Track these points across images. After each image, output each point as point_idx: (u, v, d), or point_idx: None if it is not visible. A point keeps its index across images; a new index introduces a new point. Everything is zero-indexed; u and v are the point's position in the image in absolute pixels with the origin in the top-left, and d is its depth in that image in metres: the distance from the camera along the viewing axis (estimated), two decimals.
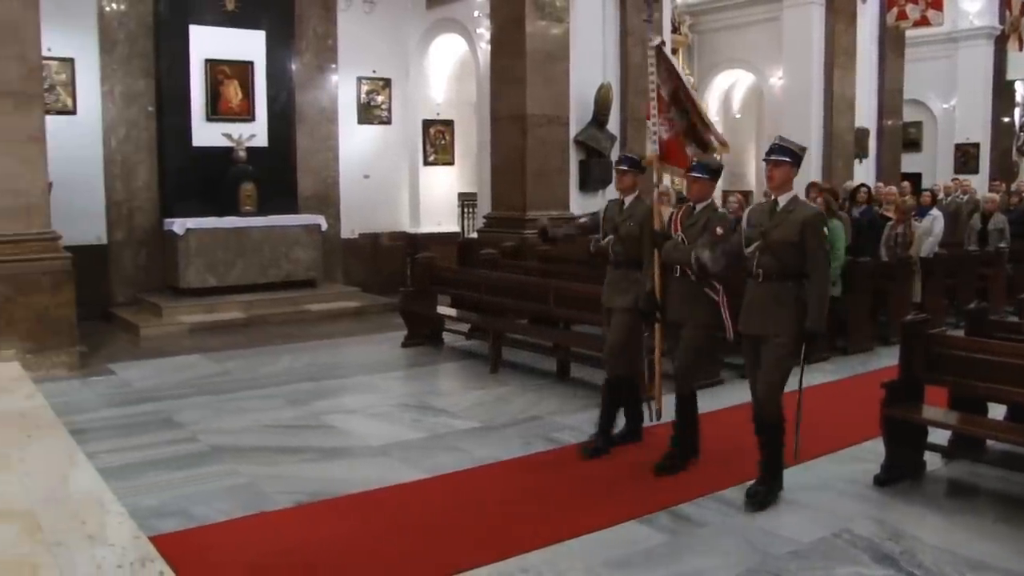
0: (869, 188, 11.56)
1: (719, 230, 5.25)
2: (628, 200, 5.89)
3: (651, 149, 5.87)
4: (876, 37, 16.21)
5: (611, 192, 12.02)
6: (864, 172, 15.76)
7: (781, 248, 4.86)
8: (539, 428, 6.33)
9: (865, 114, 16.03)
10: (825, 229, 5.01)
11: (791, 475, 5.16)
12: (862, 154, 15.98)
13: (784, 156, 4.93)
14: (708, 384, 7.23)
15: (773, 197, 5.00)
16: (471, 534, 4.55)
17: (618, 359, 5.82)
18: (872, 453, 5.55)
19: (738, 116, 18.19)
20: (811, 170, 14.45)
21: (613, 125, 11.99)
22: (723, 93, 18.08)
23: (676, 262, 5.42)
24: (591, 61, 11.83)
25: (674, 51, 15.32)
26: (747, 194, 16.14)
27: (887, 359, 8.13)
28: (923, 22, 14.85)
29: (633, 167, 5.87)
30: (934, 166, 19.83)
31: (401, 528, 4.62)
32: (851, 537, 4.50)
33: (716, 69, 17.55)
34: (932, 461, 5.48)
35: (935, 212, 11.12)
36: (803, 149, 5.07)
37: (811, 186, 10.11)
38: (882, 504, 5.00)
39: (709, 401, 6.65)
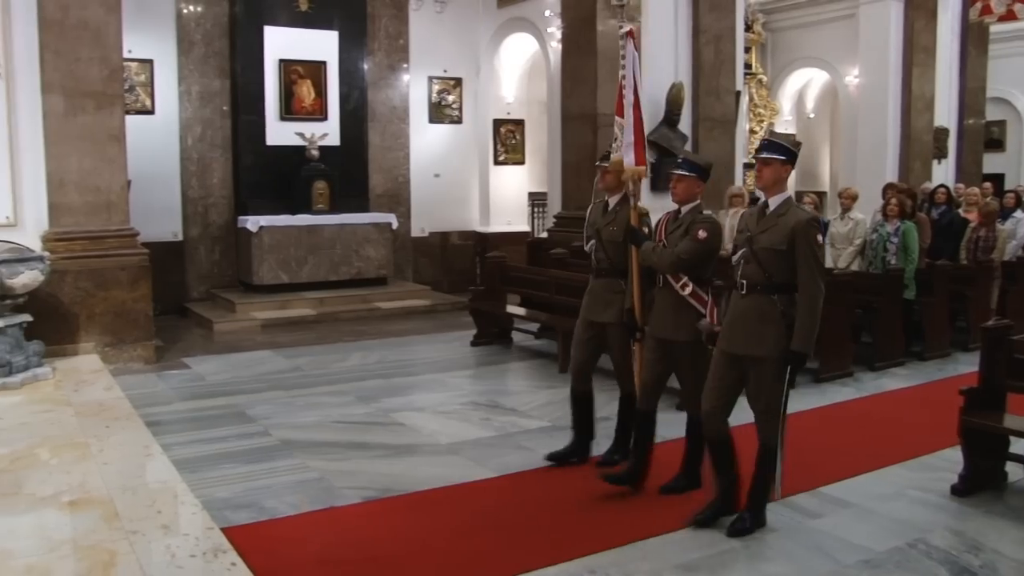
0: (948, 189, 11.24)
1: (702, 233, 4.72)
2: (613, 202, 5.40)
3: (615, 150, 5.36)
4: (957, 33, 15.72)
5: None
6: (943, 173, 15.32)
7: (767, 256, 4.34)
8: (608, 428, 6.24)
9: (945, 113, 15.56)
10: (820, 237, 4.36)
11: (865, 482, 5.03)
12: (941, 154, 15.55)
13: (775, 153, 4.41)
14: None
15: (763, 199, 4.49)
16: (538, 534, 4.51)
17: (626, 378, 5.41)
18: (949, 462, 5.37)
19: (812, 116, 17.86)
20: (887, 171, 14.15)
21: (685, 125, 11.83)
22: (797, 92, 17.76)
23: (655, 267, 4.92)
24: (663, 60, 11.68)
25: (747, 50, 15.09)
26: (822, 195, 15.85)
27: (965, 365, 7.92)
28: (1009, 16, 14.39)
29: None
30: (1019, 167, 19.17)
31: (468, 526, 4.60)
32: (927, 548, 4.34)
33: (790, 68, 17.25)
34: (1014, 472, 5.26)
35: (1019, 215, 10.78)
36: (797, 146, 4.66)
37: (888, 187, 9.88)
38: (960, 515, 4.81)
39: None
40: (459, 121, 13.91)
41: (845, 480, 5.27)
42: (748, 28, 15.34)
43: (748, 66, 15.60)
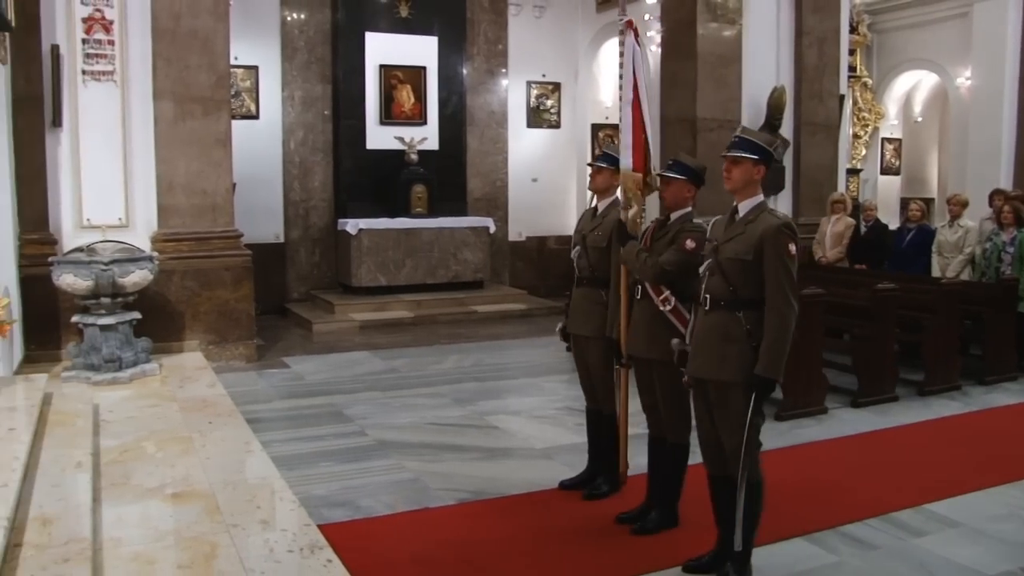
0: None
1: (689, 243, 4.23)
2: (602, 206, 4.96)
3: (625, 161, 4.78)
4: None
5: (784, 198, 11.67)
6: None
7: (732, 268, 3.83)
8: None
9: None
10: (792, 247, 3.76)
11: (973, 501, 4.82)
12: None
13: (746, 151, 3.88)
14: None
15: (734, 203, 3.96)
16: (631, 541, 4.43)
17: (606, 397, 4.97)
18: None
19: (920, 119, 17.29)
20: (1001, 177, 13.57)
21: (786, 129, 11.58)
22: (904, 95, 17.21)
23: (636, 274, 4.46)
24: (764, 63, 11.47)
25: (851, 52, 14.70)
26: (929, 201, 15.34)
27: None
28: None
29: (611, 164, 4.90)
30: None
31: (560, 531, 4.56)
32: None
33: (897, 70, 16.71)
34: None
35: None
36: (773, 144, 3.99)
37: (995, 193, 9.47)
38: None
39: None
40: (557, 126, 13.89)
41: (952, 498, 5.05)
42: (853, 30, 14.95)
43: (852, 68, 15.19)
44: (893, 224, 12.32)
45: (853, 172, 15.92)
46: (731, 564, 3.95)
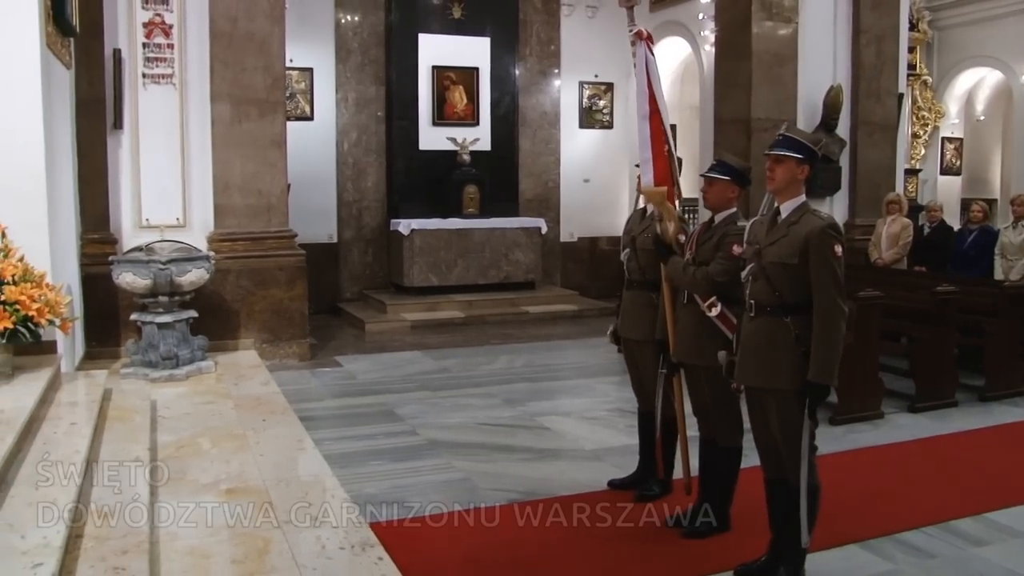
0: None
1: (736, 248, 4.10)
2: (651, 208, 4.89)
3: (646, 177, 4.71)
4: None
5: (840, 199, 11.51)
6: None
7: (776, 272, 3.75)
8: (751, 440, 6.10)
9: None
10: (838, 248, 3.66)
11: None
12: None
13: (790, 150, 3.77)
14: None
15: (776, 205, 3.89)
16: (682, 544, 4.41)
17: (648, 397, 4.96)
18: None
19: (982, 118, 16.93)
20: None
21: (843, 129, 11.42)
22: (965, 93, 16.87)
23: (682, 287, 4.42)
24: (821, 62, 11.31)
25: (911, 49, 14.44)
26: (992, 202, 15.01)
27: None
28: None
29: None
30: None
31: (611, 533, 4.53)
32: None
33: (958, 67, 16.38)
34: None
35: None
36: (819, 144, 3.99)
37: None
38: None
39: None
40: (610, 126, 13.82)
41: (1014, 507, 4.92)
42: (913, 26, 14.69)
43: (912, 66, 14.94)
44: (953, 226, 12.07)
45: (912, 172, 15.64)
46: (784, 569, 3.90)
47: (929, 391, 7.08)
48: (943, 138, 16.75)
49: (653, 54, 4.90)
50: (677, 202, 4.76)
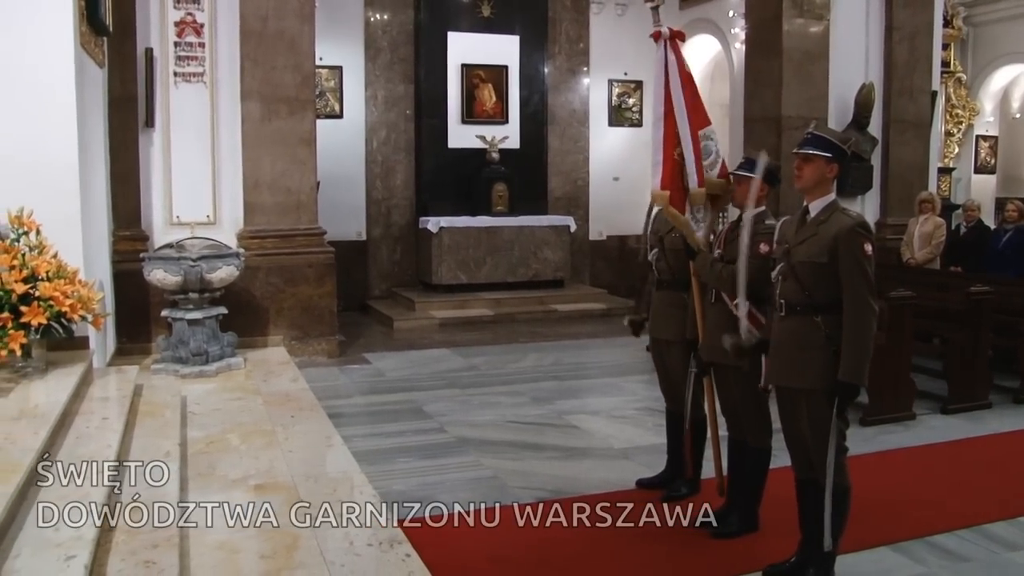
0: None
1: (764, 247, 4.11)
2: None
3: (708, 168, 4.63)
4: None
5: (872, 198, 11.39)
6: None
7: (806, 271, 3.72)
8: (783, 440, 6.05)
9: None
10: (867, 246, 3.63)
11: None
12: None
13: (818, 148, 3.76)
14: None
15: (804, 203, 3.87)
16: (710, 544, 4.38)
17: (677, 396, 4.95)
18: None
19: (1018, 115, 16.72)
20: None
21: (875, 127, 11.31)
22: (1000, 90, 16.66)
23: (709, 283, 4.41)
24: (852, 60, 11.20)
25: (945, 46, 14.26)
26: None
27: None
28: None
29: None
30: None
31: (639, 533, 4.51)
32: None
33: (993, 64, 16.18)
34: None
35: None
36: (847, 142, 3.93)
37: None
38: None
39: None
40: (639, 124, 13.75)
41: None
42: (947, 23, 14.51)
43: (946, 64, 14.75)
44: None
45: (945, 171, 15.46)
46: (813, 570, 3.86)
47: (962, 393, 6.99)
48: (977, 136, 16.55)
49: (679, 55, 4.78)
50: (689, 207, 4.66)
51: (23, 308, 5.15)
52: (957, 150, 16.30)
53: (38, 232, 5.55)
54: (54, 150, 6.01)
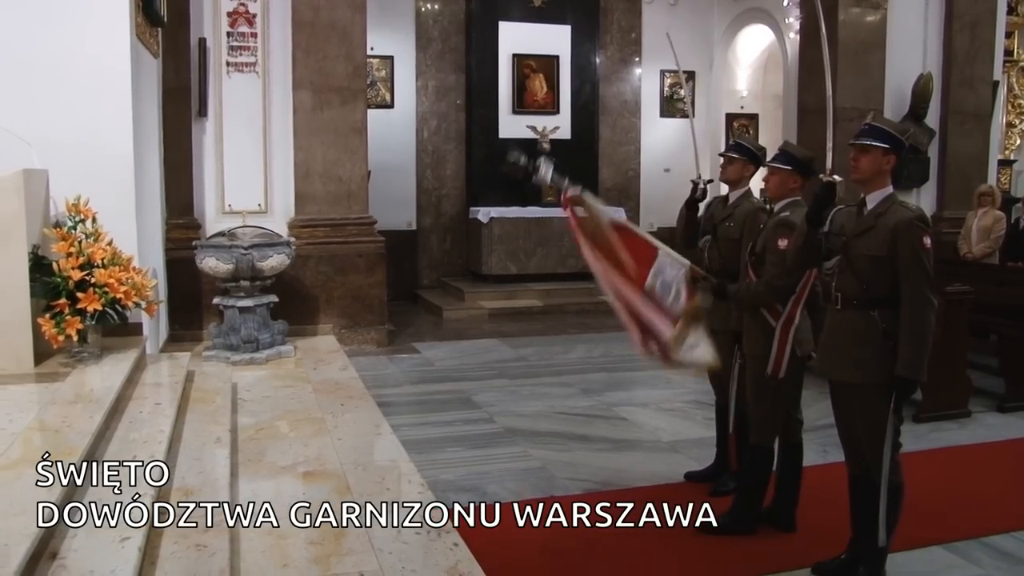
0: None
1: (782, 243, 4.07)
2: (735, 196, 4.82)
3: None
4: None
5: (928, 190, 11.18)
6: None
7: (863, 265, 3.64)
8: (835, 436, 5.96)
9: None
10: (926, 240, 3.55)
11: None
12: None
13: (876, 140, 3.63)
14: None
15: (862, 196, 3.76)
16: (757, 539, 4.33)
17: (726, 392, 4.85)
18: None
19: None
20: None
21: (932, 118, 11.08)
22: None
23: (752, 306, 4.31)
24: (910, 49, 10.98)
25: (1008, 35, 13.90)
26: None
27: None
28: None
29: (743, 154, 4.75)
30: None
31: (682, 527, 4.47)
32: None
33: None
34: None
35: None
36: (906, 133, 3.80)
37: None
38: None
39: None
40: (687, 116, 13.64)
41: None
42: (1012, 10, 14.15)
43: (1009, 52, 14.40)
44: None
45: (1005, 163, 15.10)
46: (864, 568, 3.80)
47: (1019, 390, 6.83)
48: None
49: (576, 221, 4.81)
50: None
51: (79, 294, 5.25)
52: (1019, 142, 15.91)
53: (94, 220, 5.64)
54: (110, 140, 6.09)
